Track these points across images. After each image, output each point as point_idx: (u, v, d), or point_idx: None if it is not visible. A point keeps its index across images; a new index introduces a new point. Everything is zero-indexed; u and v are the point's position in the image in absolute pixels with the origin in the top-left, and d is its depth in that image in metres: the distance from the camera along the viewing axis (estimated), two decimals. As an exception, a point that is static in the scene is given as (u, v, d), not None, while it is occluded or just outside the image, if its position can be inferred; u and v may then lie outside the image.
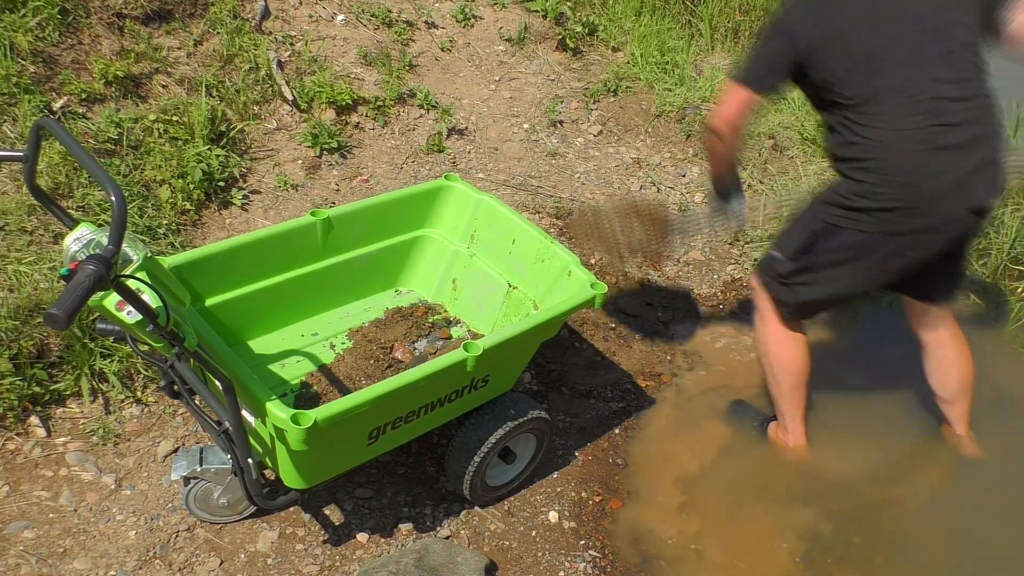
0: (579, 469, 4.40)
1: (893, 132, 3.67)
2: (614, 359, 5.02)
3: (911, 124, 3.65)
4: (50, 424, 4.09)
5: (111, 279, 2.32)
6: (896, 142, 3.67)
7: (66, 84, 5.20)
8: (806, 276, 4.06)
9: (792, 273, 4.09)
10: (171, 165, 5.07)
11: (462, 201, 4.37)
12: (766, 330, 4.36)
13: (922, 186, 3.67)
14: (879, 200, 3.73)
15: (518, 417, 3.87)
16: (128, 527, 3.78)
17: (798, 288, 4.12)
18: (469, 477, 3.87)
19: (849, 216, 3.82)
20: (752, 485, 4.50)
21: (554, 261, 4.04)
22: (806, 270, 4.05)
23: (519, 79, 7.03)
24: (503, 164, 6.29)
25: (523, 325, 3.57)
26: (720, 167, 4.33)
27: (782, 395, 4.44)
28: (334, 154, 5.90)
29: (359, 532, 3.91)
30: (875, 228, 3.79)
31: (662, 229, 4.80)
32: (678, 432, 4.68)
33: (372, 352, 4.03)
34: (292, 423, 2.95)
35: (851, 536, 4.23)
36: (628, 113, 6.91)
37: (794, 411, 4.47)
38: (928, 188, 3.67)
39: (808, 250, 4.00)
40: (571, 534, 4.10)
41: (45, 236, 4.53)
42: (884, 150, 3.69)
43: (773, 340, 4.35)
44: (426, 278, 4.47)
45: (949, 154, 3.65)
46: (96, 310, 2.70)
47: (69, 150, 2.63)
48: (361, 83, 6.37)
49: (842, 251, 3.92)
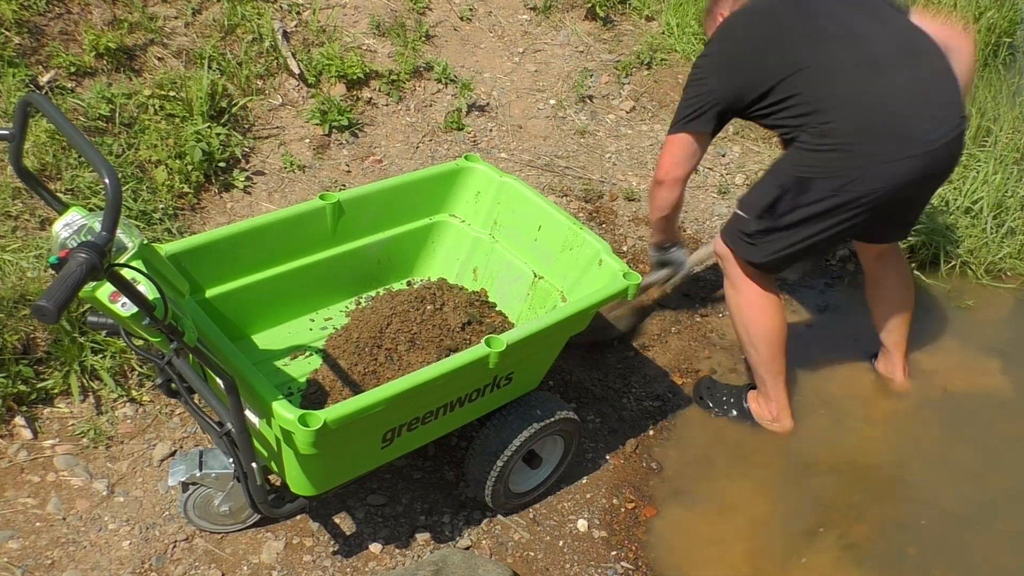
0: (610, 474, 4.40)
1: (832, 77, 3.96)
2: (648, 355, 5.01)
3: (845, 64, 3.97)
4: (37, 425, 4.10)
5: (104, 268, 2.31)
6: (835, 80, 3.96)
7: (54, 56, 5.20)
8: (774, 235, 4.18)
9: (759, 232, 4.20)
10: (168, 144, 5.07)
11: (483, 183, 4.36)
12: (739, 297, 4.46)
13: (879, 111, 3.90)
14: (840, 134, 3.91)
15: (544, 418, 3.86)
16: (121, 537, 3.79)
17: (765, 246, 4.22)
18: (491, 483, 3.87)
19: (816, 163, 3.98)
20: (801, 491, 4.49)
21: (583, 249, 4.03)
22: (774, 229, 4.16)
23: (545, 51, 7.03)
24: (528, 143, 6.28)
25: (550, 318, 3.55)
26: (657, 221, 4.71)
27: (762, 363, 4.54)
28: (344, 132, 5.91)
29: (372, 542, 3.91)
30: (843, 166, 3.94)
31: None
32: (718, 434, 4.67)
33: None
34: (300, 424, 2.94)
35: (905, 546, 4.24)
36: (663, 88, 6.91)
37: (775, 378, 4.59)
38: (881, 110, 3.91)
39: (775, 206, 4.11)
40: (601, 544, 4.10)
41: (32, 221, 4.54)
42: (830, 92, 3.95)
43: (748, 305, 4.45)
44: (444, 267, 4.46)
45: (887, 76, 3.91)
46: (88, 302, 2.70)
47: (58, 128, 2.63)
48: (374, 55, 6.37)
49: (812, 205, 4.04)
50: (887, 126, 3.89)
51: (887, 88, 3.88)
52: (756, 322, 4.44)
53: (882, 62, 3.92)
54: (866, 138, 3.89)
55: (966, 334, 5.50)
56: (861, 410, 4.93)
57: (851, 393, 4.99)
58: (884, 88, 3.88)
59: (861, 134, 3.89)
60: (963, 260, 5.93)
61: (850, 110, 3.89)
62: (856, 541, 4.24)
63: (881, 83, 3.88)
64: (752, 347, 4.51)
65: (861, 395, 5.00)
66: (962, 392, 5.08)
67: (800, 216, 4.06)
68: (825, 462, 4.60)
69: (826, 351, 5.19)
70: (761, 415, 4.69)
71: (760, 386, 4.65)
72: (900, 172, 3.91)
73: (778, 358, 4.51)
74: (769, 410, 4.65)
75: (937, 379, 5.12)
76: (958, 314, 5.67)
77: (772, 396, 4.61)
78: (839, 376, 5.07)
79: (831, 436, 4.71)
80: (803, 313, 5.53)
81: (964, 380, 5.15)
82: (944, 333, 5.49)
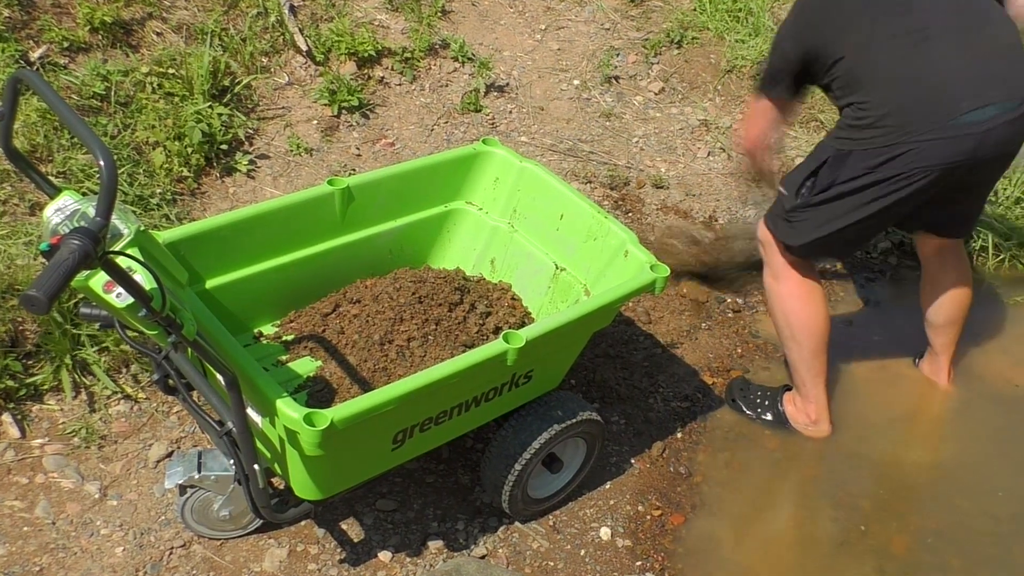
0: (635, 479, 4.39)
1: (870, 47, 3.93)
2: (676, 352, 5.01)
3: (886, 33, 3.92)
4: (25, 424, 4.11)
5: (98, 256, 2.31)
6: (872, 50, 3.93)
7: (45, 31, 5.21)
8: (810, 212, 4.17)
9: (797, 209, 4.20)
10: (166, 125, 5.08)
11: (502, 169, 4.36)
12: (780, 286, 4.46)
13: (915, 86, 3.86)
14: (874, 108, 3.89)
15: (566, 419, 3.85)
16: (114, 543, 3.80)
17: (801, 225, 4.22)
18: (509, 488, 3.86)
19: (854, 138, 3.97)
20: (837, 499, 4.47)
21: (608, 239, 4.02)
22: (810, 205, 4.15)
23: (568, 28, 7.02)
24: (550, 126, 6.28)
25: (572, 313, 3.55)
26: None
27: (803, 360, 4.52)
28: (354, 113, 5.91)
29: (381, 550, 3.91)
30: (880, 143, 3.89)
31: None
32: (750, 437, 4.67)
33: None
34: (305, 424, 2.94)
35: (949, 558, 4.23)
36: (694, 68, 6.90)
37: (815, 378, 4.57)
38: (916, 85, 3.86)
39: (813, 182, 4.12)
40: (626, 554, 4.09)
41: (21, 206, 4.55)
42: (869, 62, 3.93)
43: (789, 296, 4.44)
44: (460, 258, 4.46)
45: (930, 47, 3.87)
46: (80, 291, 2.70)
47: (51, 107, 2.62)
48: (386, 31, 6.37)
49: (848, 182, 4.02)
50: (921, 102, 3.84)
51: (926, 60, 3.84)
52: (798, 314, 4.42)
53: (930, 31, 3.85)
54: (900, 114, 3.84)
55: (1016, 333, 5.48)
56: (902, 414, 4.92)
57: (892, 396, 4.98)
58: (922, 60, 3.84)
59: (895, 109, 3.85)
60: (1012, 254, 5.91)
61: (884, 84, 3.87)
62: (896, 552, 4.23)
63: (921, 55, 3.84)
64: (793, 341, 4.49)
65: (902, 398, 4.99)
66: (1010, 395, 5.06)
67: (836, 192, 4.05)
68: (863, 469, 4.59)
69: (866, 349, 5.18)
70: (797, 419, 4.67)
71: (798, 386, 4.63)
72: (938, 155, 3.84)
73: (820, 355, 4.49)
74: (807, 413, 4.63)
75: (984, 380, 5.10)
76: (1008, 311, 5.64)
77: (811, 397, 4.59)
78: (879, 377, 5.05)
79: (869, 442, 4.69)
80: (842, 309, 5.51)
81: (1013, 382, 5.12)
82: (993, 331, 5.46)
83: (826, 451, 4.63)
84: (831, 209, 4.10)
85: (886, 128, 3.86)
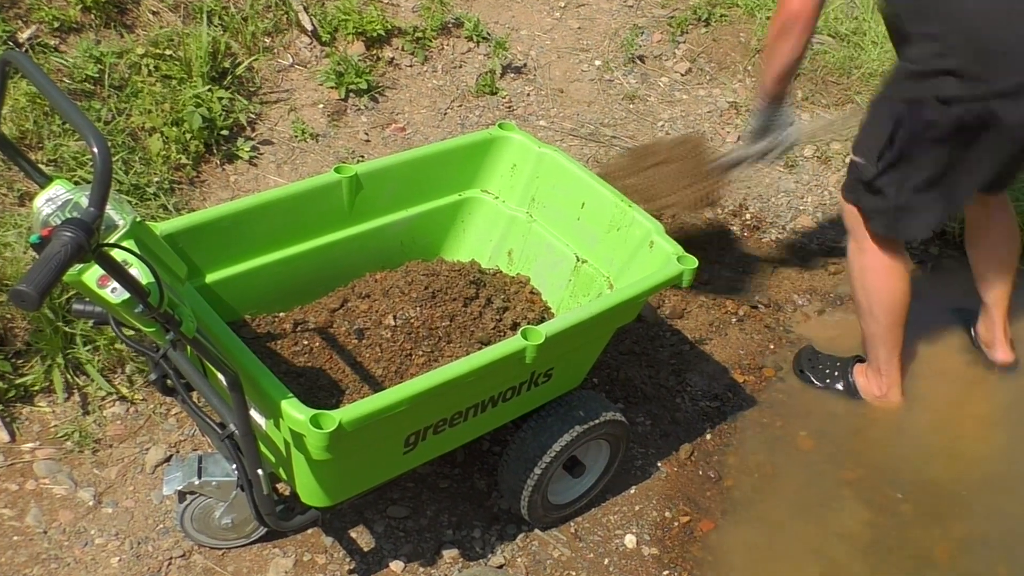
0: (662, 483, 4.39)
1: None
2: (705, 349, 5.00)
3: None
4: (15, 427, 4.11)
5: (92, 248, 2.30)
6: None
7: (35, 10, 5.21)
8: (894, 174, 4.13)
9: (879, 175, 4.17)
10: (163, 110, 5.08)
11: (520, 155, 4.35)
12: (863, 260, 4.48)
13: (997, 32, 3.79)
14: (955, 54, 3.81)
15: (588, 420, 3.85)
16: (110, 553, 3.80)
17: (889, 191, 4.18)
18: (528, 493, 3.86)
19: (927, 84, 3.90)
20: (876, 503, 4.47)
21: (632, 229, 4.01)
22: (892, 167, 4.12)
23: (589, 5, 7.02)
24: (570, 109, 6.28)
25: (594, 308, 3.55)
26: (784, 67, 4.38)
27: (879, 334, 4.59)
28: (363, 97, 5.91)
29: (392, 559, 3.92)
30: (956, 92, 3.83)
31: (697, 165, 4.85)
32: (783, 439, 4.66)
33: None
34: (312, 426, 2.93)
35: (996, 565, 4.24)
36: (723, 47, 6.89)
37: (890, 352, 4.64)
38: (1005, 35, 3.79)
39: (892, 143, 4.06)
40: (652, 562, 4.09)
41: (10, 196, 4.56)
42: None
43: (872, 270, 4.46)
44: (476, 250, 4.45)
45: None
46: (73, 287, 2.70)
47: (41, 91, 2.62)
48: (396, 9, 6.37)
49: (928, 131, 3.97)
50: (995, 46, 3.79)
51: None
52: (879, 289, 4.47)
53: None
54: (972, 57, 3.79)
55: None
56: (944, 414, 4.91)
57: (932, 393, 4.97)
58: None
59: (967, 51, 3.79)
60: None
61: (952, 21, 3.81)
62: (938, 559, 4.22)
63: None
64: (871, 315, 4.55)
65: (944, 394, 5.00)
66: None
67: (920, 146, 4.03)
68: (903, 471, 4.58)
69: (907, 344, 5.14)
70: (868, 390, 4.77)
71: (872, 360, 4.71)
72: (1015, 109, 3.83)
73: (896, 329, 4.56)
74: (879, 385, 4.72)
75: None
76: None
77: (884, 371, 4.68)
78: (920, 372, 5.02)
79: (913, 440, 4.70)
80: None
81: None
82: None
83: (859, 453, 4.64)
84: (920, 164, 4.07)
85: (959, 75, 3.81)
